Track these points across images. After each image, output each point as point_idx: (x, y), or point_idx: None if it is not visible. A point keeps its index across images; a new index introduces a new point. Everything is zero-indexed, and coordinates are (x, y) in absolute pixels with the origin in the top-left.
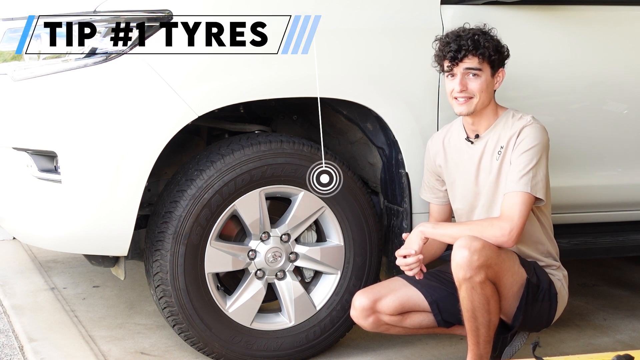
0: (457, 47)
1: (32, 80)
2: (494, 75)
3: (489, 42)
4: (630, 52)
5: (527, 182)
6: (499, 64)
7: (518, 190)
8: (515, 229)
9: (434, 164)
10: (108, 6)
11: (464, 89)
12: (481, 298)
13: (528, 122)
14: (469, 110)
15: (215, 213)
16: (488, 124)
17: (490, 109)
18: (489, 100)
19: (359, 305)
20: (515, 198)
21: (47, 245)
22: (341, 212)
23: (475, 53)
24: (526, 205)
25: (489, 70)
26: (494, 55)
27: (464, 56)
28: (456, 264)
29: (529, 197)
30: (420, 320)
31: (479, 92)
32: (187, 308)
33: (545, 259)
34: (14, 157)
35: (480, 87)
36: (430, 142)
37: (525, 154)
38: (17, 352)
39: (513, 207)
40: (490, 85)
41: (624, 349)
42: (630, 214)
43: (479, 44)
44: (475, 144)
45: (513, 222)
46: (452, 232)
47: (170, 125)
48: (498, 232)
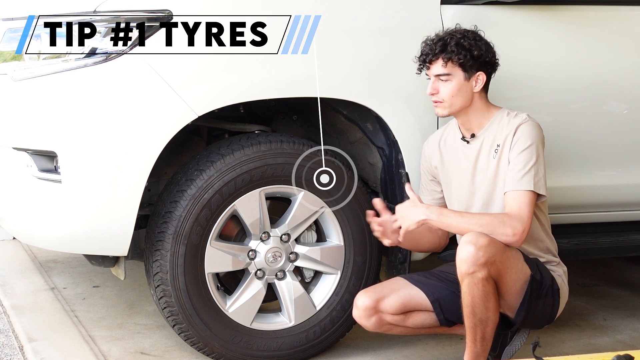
0: (427, 51)
1: (32, 80)
2: (469, 78)
3: (461, 47)
4: (630, 52)
5: (530, 180)
6: (475, 68)
7: (523, 189)
8: (527, 229)
9: (430, 165)
10: (108, 6)
11: (435, 92)
12: (481, 294)
13: (523, 120)
14: (442, 113)
15: (215, 213)
16: (480, 124)
17: (478, 109)
18: (464, 102)
19: (361, 305)
20: (522, 197)
21: (47, 245)
22: (341, 212)
23: (444, 57)
24: (532, 203)
25: (461, 74)
26: (463, 60)
27: (433, 59)
28: (461, 259)
29: (533, 195)
30: (422, 320)
31: (449, 97)
32: (187, 308)
33: (545, 255)
34: (14, 157)
35: (450, 92)
36: (425, 143)
37: (524, 153)
38: (17, 352)
39: (522, 206)
40: (464, 88)
41: (624, 349)
42: (630, 214)
43: (447, 49)
44: (471, 143)
45: (525, 222)
46: (458, 224)
47: (170, 126)
48: (510, 231)
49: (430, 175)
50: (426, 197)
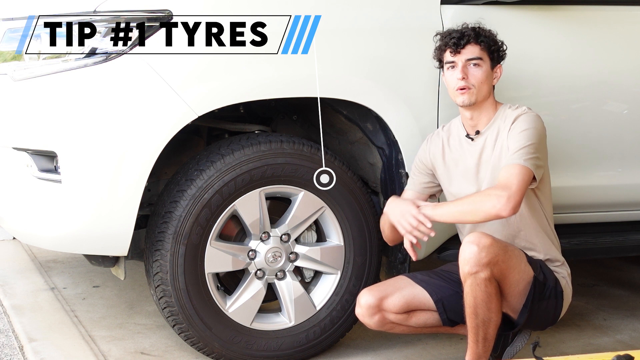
0: (460, 35)
1: (32, 80)
2: (493, 69)
3: (491, 37)
4: (630, 52)
5: (522, 156)
6: (498, 58)
7: (513, 162)
8: (513, 196)
9: (429, 160)
10: (108, 6)
11: (465, 77)
12: (484, 295)
13: (523, 111)
14: (470, 101)
15: (215, 213)
16: (487, 119)
17: (490, 103)
18: (488, 93)
19: (365, 303)
20: (511, 169)
21: (47, 245)
22: (341, 212)
23: (477, 41)
24: (523, 176)
25: (488, 62)
26: (493, 46)
27: (467, 43)
28: (463, 259)
29: (524, 169)
30: (425, 319)
31: (479, 82)
32: (187, 308)
33: (551, 253)
34: (14, 157)
35: (481, 78)
36: (428, 139)
37: (521, 134)
38: (17, 352)
39: (509, 177)
40: (489, 77)
41: (624, 349)
42: (630, 214)
43: (480, 34)
44: (476, 140)
45: (510, 189)
46: (449, 211)
47: (170, 125)
48: (495, 200)
49: (427, 168)
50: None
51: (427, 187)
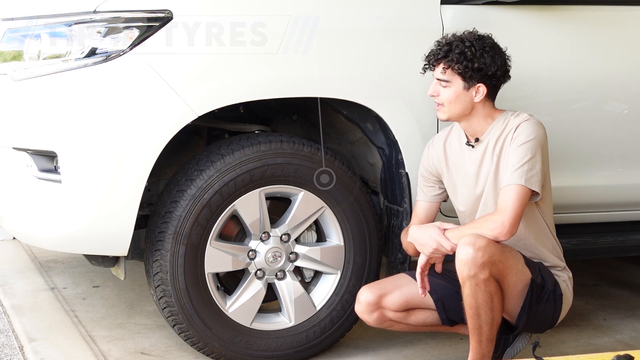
0: (432, 53)
1: (32, 80)
2: (469, 88)
3: (463, 56)
4: (630, 52)
5: (522, 175)
6: (476, 79)
7: (512, 183)
8: (508, 221)
9: (433, 167)
10: (108, 6)
11: (435, 95)
12: (485, 296)
13: (525, 118)
14: (442, 117)
15: (215, 213)
16: (483, 129)
17: (480, 116)
18: (463, 110)
19: (364, 300)
20: (509, 191)
21: (47, 245)
22: (341, 212)
23: (445, 62)
24: (520, 197)
25: (460, 82)
26: (462, 70)
27: (434, 64)
28: (460, 261)
29: (523, 189)
30: (424, 318)
31: (447, 102)
32: (187, 308)
33: (552, 258)
34: (14, 157)
35: (448, 98)
36: (429, 145)
37: (521, 148)
38: (17, 352)
39: (506, 200)
40: (462, 97)
41: (624, 349)
42: (630, 214)
43: (448, 55)
44: (476, 147)
45: (505, 214)
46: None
47: (170, 125)
48: (491, 226)
49: (433, 176)
50: (421, 196)
51: (437, 195)
